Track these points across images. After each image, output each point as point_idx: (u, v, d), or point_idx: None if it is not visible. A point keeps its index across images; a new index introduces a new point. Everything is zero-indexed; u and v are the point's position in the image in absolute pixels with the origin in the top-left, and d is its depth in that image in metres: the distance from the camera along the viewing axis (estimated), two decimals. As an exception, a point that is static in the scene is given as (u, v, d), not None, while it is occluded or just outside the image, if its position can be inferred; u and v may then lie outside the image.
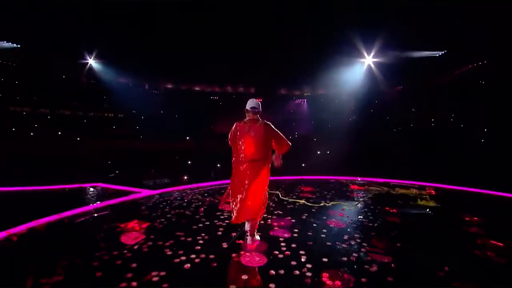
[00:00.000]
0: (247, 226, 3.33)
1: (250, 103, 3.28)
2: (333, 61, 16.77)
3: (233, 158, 3.35)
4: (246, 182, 3.16)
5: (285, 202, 4.92)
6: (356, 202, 4.99)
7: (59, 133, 14.31)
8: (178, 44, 14.23)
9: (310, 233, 3.68)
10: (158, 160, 9.28)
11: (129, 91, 19.58)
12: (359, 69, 17.96)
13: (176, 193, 5.37)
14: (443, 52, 14.91)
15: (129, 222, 3.83)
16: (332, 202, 4.95)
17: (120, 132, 17.40)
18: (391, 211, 4.64)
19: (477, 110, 13.53)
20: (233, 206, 3.29)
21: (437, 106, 17.06)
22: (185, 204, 4.70)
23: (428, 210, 4.81)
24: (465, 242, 3.60)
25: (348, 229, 3.83)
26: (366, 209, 4.67)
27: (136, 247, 3.17)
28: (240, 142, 3.23)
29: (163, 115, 21.52)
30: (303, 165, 8.73)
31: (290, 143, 3.31)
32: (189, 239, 3.41)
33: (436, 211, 4.78)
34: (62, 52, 16.01)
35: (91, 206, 4.41)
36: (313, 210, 4.58)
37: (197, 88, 22.46)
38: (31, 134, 13.69)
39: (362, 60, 17.13)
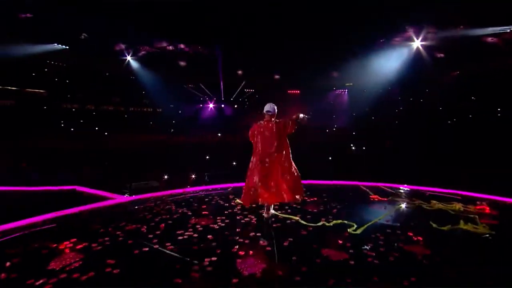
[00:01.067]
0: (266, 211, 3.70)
1: (266, 107, 3.72)
2: (377, 46, 14.91)
3: (253, 153, 3.76)
4: (267, 172, 3.56)
5: (273, 219, 3.75)
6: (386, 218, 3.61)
7: (96, 128, 14.54)
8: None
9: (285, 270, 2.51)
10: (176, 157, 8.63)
11: (166, 87, 19.56)
12: (406, 54, 15.62)
13: (152, 200, 4.50)
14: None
15: (66, 241, 3.03)
16: (334, 221, 3.64)
17: (156, 127, 17.36)
18: (415, 238, 3.20)
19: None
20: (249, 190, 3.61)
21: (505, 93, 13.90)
22: (149, 217, 3.80)
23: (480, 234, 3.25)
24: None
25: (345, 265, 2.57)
26: (378, 234, 3.28)
27: (39, 282, 2.32)
28: (257, 140, 3.69)
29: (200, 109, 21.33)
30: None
31: (293, 121, 3.59)
32: (116, 271, 2.48)
33: (487, 243, 3.21)
34: (104, 51, 16.47)
35: (37, 218, 3.68)
36: (305, 231, 3.36)
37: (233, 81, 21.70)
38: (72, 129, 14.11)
39: (410, 43, 14.88)
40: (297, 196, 3.53)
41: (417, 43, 14.72)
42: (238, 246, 2.94)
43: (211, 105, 20.66)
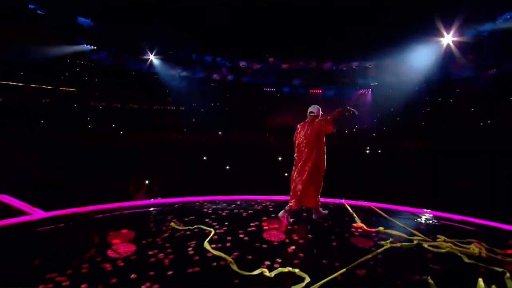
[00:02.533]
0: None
1: (309, 108, 3.57)
2: (405, 41, 13.20)
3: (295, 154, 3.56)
4: (301, 173, 3.41)
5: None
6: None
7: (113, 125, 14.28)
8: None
9: None
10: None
11: (189, 85, 19.10)
12: (436, 51, 13.69)
13: (72, 217, 3.40)
14: None
15: None
16: (280, 269, 2.41)
17: (177, 125, 16.91)
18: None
19: None
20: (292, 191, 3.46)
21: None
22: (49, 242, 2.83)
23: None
24: None
25: None
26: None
27: None
28: (298, 141, 3.53)
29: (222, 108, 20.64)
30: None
31: (327, 120, 3.36)
32: None
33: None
34: (130, 50, 16.42)
35: None
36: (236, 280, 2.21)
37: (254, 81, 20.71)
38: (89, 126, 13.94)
39: (440, 39, 13.00)
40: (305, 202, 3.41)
41: (448, 39, 12.76)
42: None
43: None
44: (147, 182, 5.20)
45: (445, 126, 14.79)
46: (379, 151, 9.80)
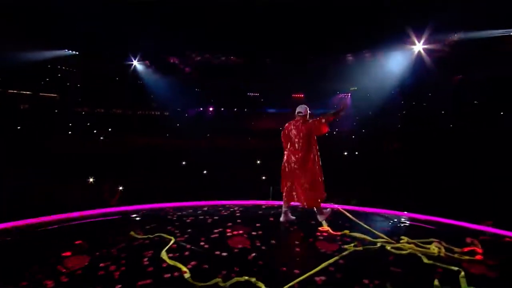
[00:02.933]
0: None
1: (297, 108, 3.54)
2: (380, 49, 13.50)
3: (284, 153, 3.53)
4: (295, 174, 3.37)
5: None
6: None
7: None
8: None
9: None
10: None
11: (173, 90, 18.74)
12: (408, 58, 14.03)
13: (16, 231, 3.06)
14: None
15: None
16: (229, 282, 2.23)
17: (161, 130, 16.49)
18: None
19: None
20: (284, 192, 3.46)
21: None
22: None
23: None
24: None
25: None
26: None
27: None
28: (291, 141, 3.45)
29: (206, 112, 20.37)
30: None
31: (327, 123, 3.34)
32: None
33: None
34: (113, 56, 15.94)
35: None
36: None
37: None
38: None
39: (412, 46, 13.28)
40: (305, 204, 3.36)
41: (419, 47, 13.12)
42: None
43: (211, 108, 19.60)
44: (120, 188, 4.94)
45: (419, 128, 15.16)
46: (356, 153, 9.84)
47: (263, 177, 4.91)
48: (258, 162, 7.69)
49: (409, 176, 6.81)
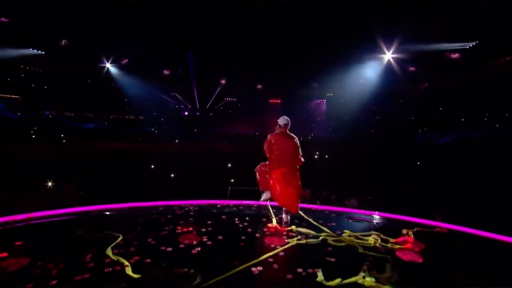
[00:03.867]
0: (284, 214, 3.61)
1: (283, 121, 3.63)
2: (353, 58, 14.11)
3: (269, 162, 3.66)
4: (282, 183, 3.51)
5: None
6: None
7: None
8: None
9: None
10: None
11: (149, 94, 18.46)
12: (379, 66, 14.78)
13: None
14: (474, 43, 11.36)
15: None
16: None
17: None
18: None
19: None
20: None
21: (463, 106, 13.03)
22: None
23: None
24: None
25: None
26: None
27: None
28: (276, 150, 3.58)
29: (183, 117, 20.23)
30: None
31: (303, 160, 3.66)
32: None
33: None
34: (84, 57, 15.48)
35: None
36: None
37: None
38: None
39: (382, 55, 14.00)
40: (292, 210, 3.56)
41: (388, 56, 13.86)
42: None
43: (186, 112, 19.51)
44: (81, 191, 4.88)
45: (390, 134, 15.89)
46: (326, 156, 10.20)
47: (232, 180, 5.03)
48: (229, 165, 7.81)
49: (373, 177, 7.18)
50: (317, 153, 10.41)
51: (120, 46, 14.55)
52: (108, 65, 16.58)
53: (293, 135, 3.62)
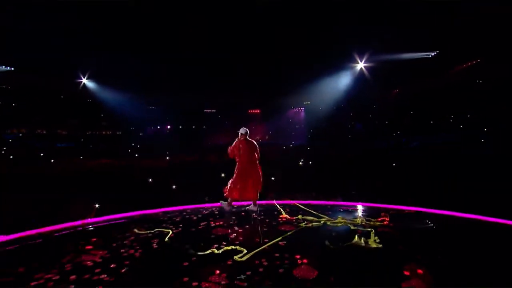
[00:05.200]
0: (252, 205, 5.12)
1: (243, 131, 5.30)
2: (326, 68, 15.65)
3: (238, 162, 5.25)
4: (248, 177, 5.12)
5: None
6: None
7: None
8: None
9: None
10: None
11: (127, 109, 18.79)
12: (352, 74, 16.49)
13: None
14: (435, 53, 13.32)
15: None
16: (225, 248, 3.41)
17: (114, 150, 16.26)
18: (299, 261, 3.03)
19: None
20: (234, 192, 5.12)
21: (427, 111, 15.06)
22: None
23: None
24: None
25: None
26: (263, 260, 3.08)
27: None
28: (241, 152, 5.19)
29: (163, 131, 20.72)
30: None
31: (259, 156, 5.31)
32: None
33: (373, 255, 3.16)
34: (57, 73, 15.58)
35: None
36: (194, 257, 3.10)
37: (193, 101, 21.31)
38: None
39: (355, 65, 15.73)
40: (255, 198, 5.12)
41: (360, 65, 15.54)
42: None
43: (168, 126, 20.10)
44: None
45: (365, 139, 17.58)
46: (310, 162, 11.47)
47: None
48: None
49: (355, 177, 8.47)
50: (301, 160, 11.67)
51: (97, 60, 14.88)
52: (84, 80, 16.92)
53: (252, 140, 5.32)
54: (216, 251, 3.25)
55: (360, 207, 5.21)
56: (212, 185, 6.23)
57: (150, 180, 8.19)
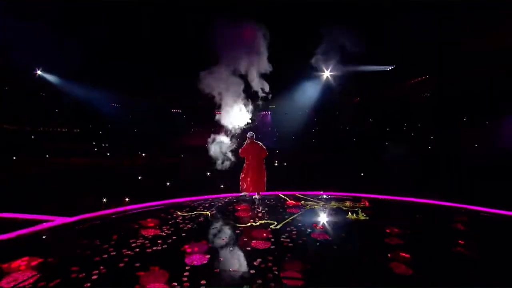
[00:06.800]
0: (257, 195, 6.53)
1: (249, 134, 6.71)
2: (295, 74, 17.35)
3: (246, 161, 6.67)
4: (258, 172, 6.54)
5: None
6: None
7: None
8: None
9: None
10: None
11: (88, 105, 18.42)
12: (319, 83, 18.47)
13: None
14: (392, 67, 15.78)
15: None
16: (260, 221, 4.80)
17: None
18: (317, 227, 4.58)
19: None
20: (245, 185, 6.61)
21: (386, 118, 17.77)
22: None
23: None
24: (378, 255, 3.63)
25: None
26: (292, 227, 4.55)
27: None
28: (250, 153, 6.61)
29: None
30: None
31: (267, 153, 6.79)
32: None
33: (361, 224, 4.85)
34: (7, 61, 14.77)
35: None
36: (238, 230, 4.43)
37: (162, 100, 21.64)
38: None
39: (322, 73, 17.66)
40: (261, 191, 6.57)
41: (326, 74, 17.61)
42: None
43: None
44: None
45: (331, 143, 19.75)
46: (285, 164, 13.14)
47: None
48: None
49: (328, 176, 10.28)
50: (276, 161, 13.29)
51: (55, 51, 14.53)
52: (39, 72, 16.47)
53: (258, 142, 6.67)
54: (254, 224, 4.62)
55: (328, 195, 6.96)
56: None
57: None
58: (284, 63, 15.41)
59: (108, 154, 14.34)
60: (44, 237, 4.16)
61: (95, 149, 15.58)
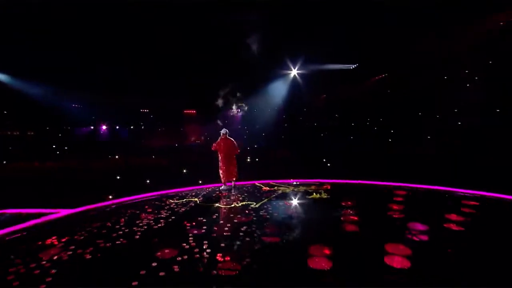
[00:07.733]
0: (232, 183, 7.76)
1: (223, 131, 7.83)
2: (264, 73, 18.54)
3: (219, 156, 7.71)
4: (228, 165, 7.64)
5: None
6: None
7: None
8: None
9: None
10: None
11: (45, 105, 18.12)
12: (287, 80, 19.83)
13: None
14: (355, 65, 17.56)
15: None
16: (242, 203, 6.05)
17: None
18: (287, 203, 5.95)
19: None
20: (222, 175, 7.64)
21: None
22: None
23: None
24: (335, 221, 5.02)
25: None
26: (268, 206, 5.85)
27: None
28: (221, 148, 7.65)
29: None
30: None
31: (239, 150, 8.00)
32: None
33: (323, 201, 6.31)
34: None
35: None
36: (224, 210, 5.62)
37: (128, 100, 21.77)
38: None
39: (289, 72, 19.01)
40: (234, 179, 7.77)
41: (294, 72, 19.02)
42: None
43: (104, 127, 20.31)
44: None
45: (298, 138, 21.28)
46: (257, 159, 14.45)
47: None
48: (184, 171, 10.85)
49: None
50: (248, 157, 14.56)
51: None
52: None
53: (231, 138, 7.75)
54: (237, 205, 5.88)
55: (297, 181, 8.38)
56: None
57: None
58: (253, 62, 16.67)
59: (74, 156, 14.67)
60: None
61: (57, 152, 15.74)
